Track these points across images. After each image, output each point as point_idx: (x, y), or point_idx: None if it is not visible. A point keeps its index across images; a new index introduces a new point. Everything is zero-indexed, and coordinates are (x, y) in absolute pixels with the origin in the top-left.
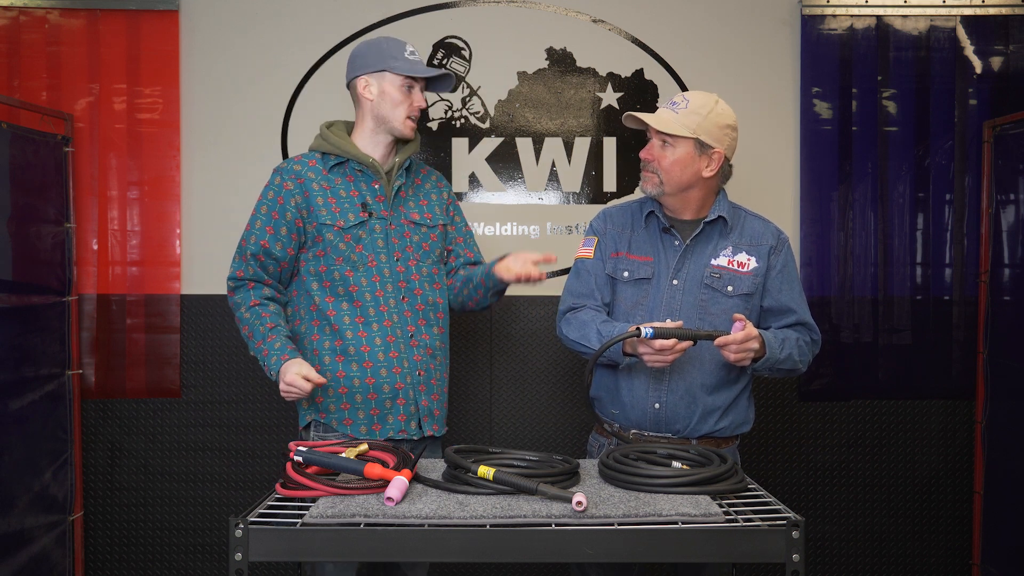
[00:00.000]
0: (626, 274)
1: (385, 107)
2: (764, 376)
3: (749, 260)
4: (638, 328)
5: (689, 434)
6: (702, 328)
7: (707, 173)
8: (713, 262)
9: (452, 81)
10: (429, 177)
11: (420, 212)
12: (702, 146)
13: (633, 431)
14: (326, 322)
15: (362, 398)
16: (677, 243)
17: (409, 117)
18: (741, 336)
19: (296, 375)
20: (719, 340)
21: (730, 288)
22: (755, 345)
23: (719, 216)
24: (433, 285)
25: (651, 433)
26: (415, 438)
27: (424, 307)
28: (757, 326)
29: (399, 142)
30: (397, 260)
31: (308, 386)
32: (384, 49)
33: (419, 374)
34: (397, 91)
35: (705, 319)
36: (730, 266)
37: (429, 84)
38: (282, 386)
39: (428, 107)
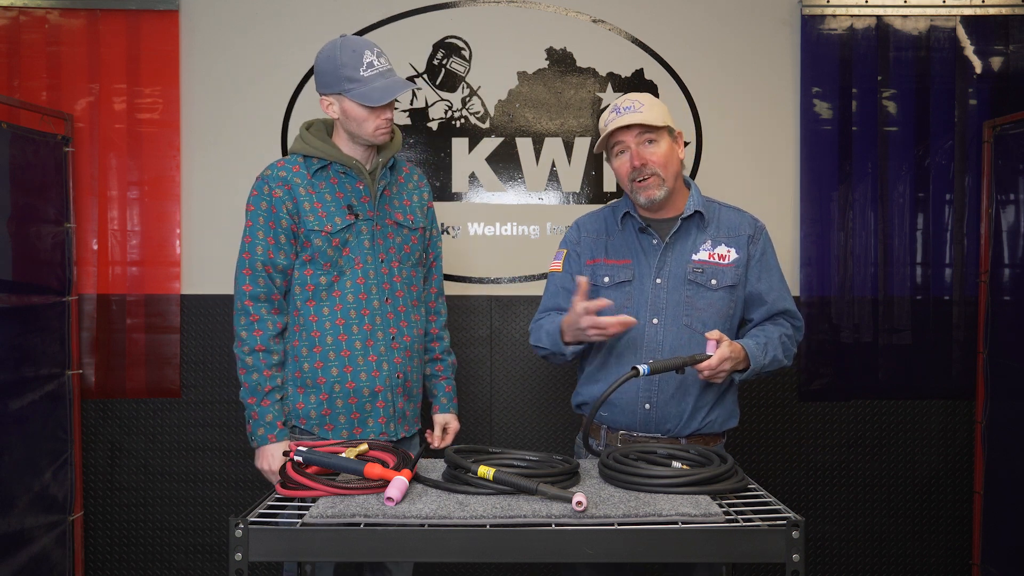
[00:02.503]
0: (606, 279)
1: (351, 125)
2: (748, 380)
3: (729, 252)
4: (636, 368)
5: (679, 432)
6: (685, 354)
7: (681, 155)
8: (694, 257)
9: (421, 83)
10: (411, 176)
11: (403, 213)
12: (671, 131)
13: (622, 432)
14: (307, 328)
15: (343, 402)
16: (655, 242)
17: (378, 128)
18: (715, 361)
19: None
20: (699, 366)
21: (714, 282)
22: (727, 367)
23: (695, 211)
24: (411, 287)
25: (640, 434)
26: (393, 440)
27: (406, 308)
28: (742, 318)
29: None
30: (382, 262)
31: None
32: (339, 67)
33: (398, 377)
34: (359, 111)
35: (692, 315)
36: (711, 260)
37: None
38: (264, 466)
39: (428, 107)
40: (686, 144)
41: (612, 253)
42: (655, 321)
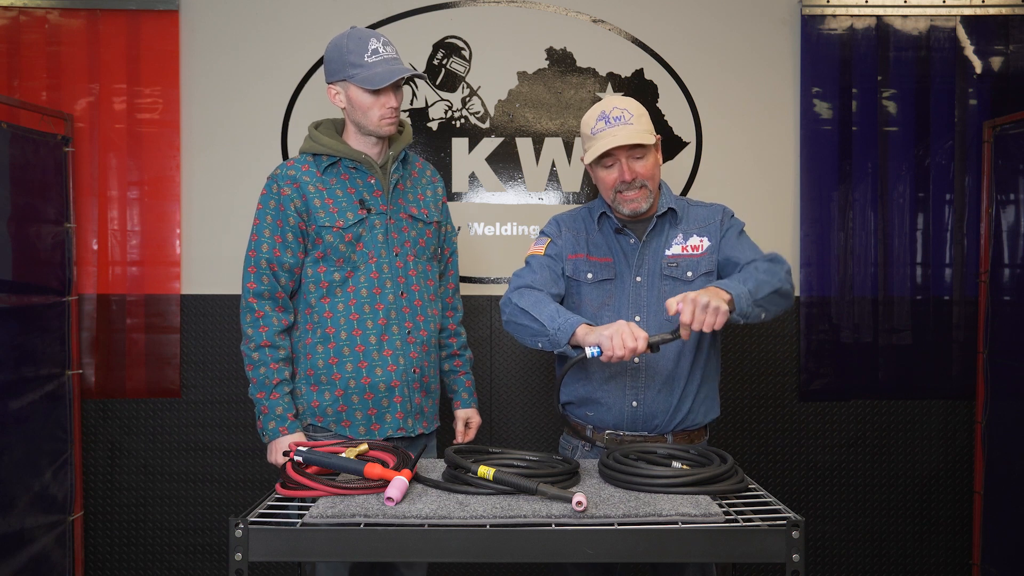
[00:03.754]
0: (590, 275)
1: (357, 114)
2: (759, 320)
3: (702, 241)
4: (584, 351)
5: (664, 428)
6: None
7: (660, 161)
8: (668, 253)
9: (423, 74)
10: (424, 171)
11: (418, 207)
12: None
13: (608, 432)
14: (321, 324)
15: (359, 398)
16: (632, 241)
17: (383, 119)
18: (687, 313)
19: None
20: (683, 334)
21: (689, 274)
22: (704, 300)
23: (669, 208)
24: (427, 282)
25: (627, 433)
26: (412, 435)
27: (422, 302)
28: None
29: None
30: (396, 255)
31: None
32: (345, 54)
33: (414, 372)
34: (363, 97)
35: None
36: (684, 252)
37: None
38: (277, 460)
39: (428, 107)
40: (686, 144)
41: (594, 250)
42: (637, 318)
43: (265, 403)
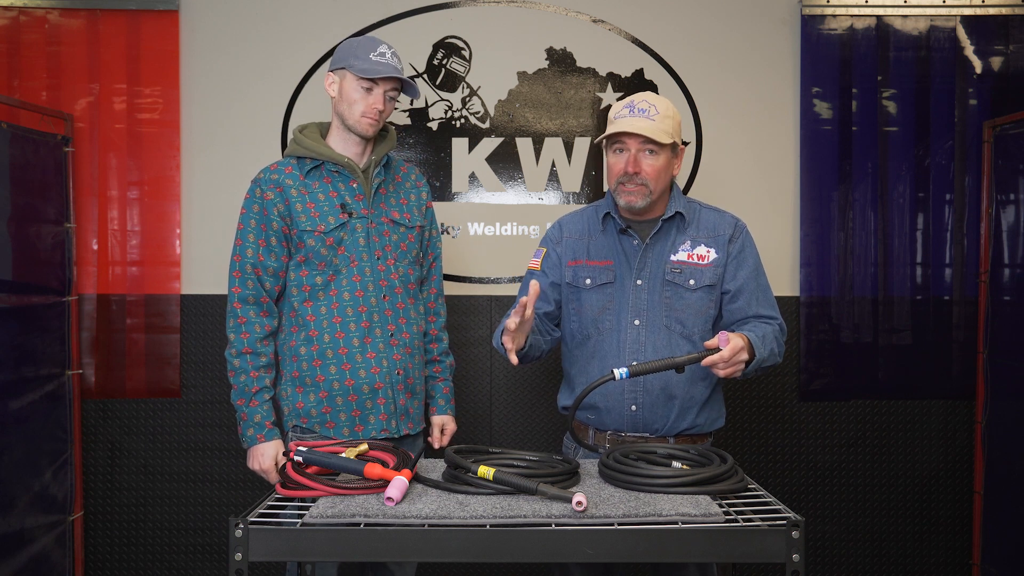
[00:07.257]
0: (588, 281)
1: (343, 105)
2: (747, 377)
3: (709, 252)
4: (612, 372)
5: (667, 432)
6: (678, 356)
7: (676, 172)
8: (672, 258)
9: (416, 90)
10: (409, 176)
11: (400, 211)
12: (674, 148)
13: (610, 432)
14: (304, 327)
15: (343, 400)
16: (636, 243)
17: (365, 116)
18: (728, 353)
19: (271, 466)
20: (707, 361)
21: (692, 282)
22: (744, 357)
23: (676, 212)
24: (409, 285)
25: (629, 433)
26: (397, 436)
27: (404, 305)
28: (719, 316)
29: (375, 140)
30: (378, 259)
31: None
32: (355, 48)
33: (398, 373)
34: (354, 90)
35: (671, 315)
36: (690, 260)
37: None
38: (255, 467)
39: (428, 107)
40: (686, 144)
41: (594, 254)
42: (636, 323)
43: (245, 410)
